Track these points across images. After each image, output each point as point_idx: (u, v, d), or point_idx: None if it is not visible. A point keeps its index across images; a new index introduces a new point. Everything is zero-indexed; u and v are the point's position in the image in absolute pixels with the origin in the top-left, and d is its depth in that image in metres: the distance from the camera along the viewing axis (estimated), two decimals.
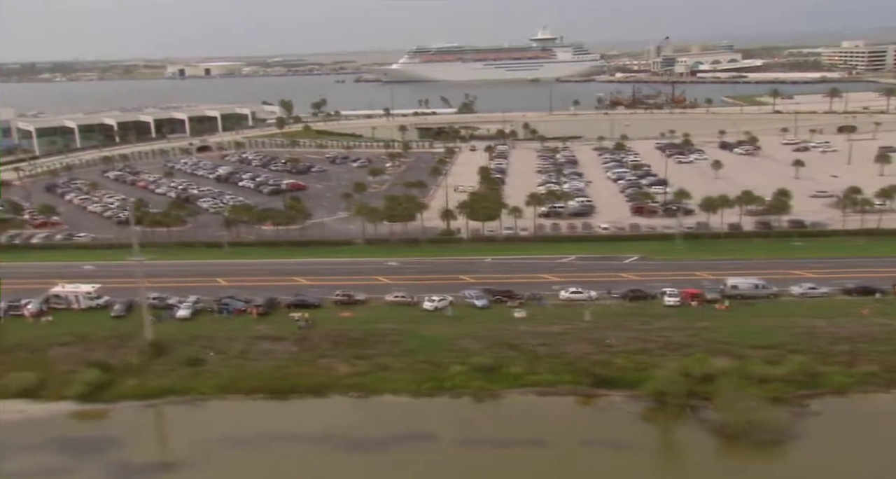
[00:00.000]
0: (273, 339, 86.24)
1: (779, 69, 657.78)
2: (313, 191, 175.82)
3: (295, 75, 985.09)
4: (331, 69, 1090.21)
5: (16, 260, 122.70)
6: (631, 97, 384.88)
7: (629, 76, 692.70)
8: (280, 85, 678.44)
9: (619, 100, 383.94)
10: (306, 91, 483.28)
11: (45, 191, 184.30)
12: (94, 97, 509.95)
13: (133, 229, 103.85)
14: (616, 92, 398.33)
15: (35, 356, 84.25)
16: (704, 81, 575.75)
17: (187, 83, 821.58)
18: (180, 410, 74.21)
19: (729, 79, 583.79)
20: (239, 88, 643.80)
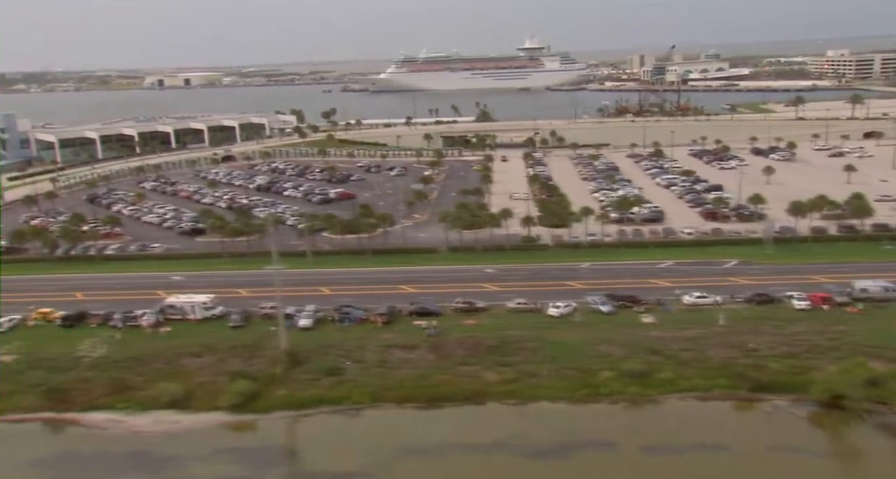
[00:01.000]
0: (404, 347, 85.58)
1: (764, 78, 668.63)
2: (361, 199, 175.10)
3: (276, 85, 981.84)
4: (311, 79, 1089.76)
5: (99, 271, 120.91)
6: (637, 105, 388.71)
7: (619, 85, 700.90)
8: (265, 95, 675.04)
9: (624, 108, 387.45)
10: (295, 101, 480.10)
11: (88, 202, 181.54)
12: (76, 109, 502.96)
13: (271, 240, 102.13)
14: (625, 100, 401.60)
15: (169, 367, 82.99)
16: (697, 90, 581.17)
17: (167, 94, 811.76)
18: (337, 419, 73.35)
19: (720, 87, 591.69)
20: (222, 98, 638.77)
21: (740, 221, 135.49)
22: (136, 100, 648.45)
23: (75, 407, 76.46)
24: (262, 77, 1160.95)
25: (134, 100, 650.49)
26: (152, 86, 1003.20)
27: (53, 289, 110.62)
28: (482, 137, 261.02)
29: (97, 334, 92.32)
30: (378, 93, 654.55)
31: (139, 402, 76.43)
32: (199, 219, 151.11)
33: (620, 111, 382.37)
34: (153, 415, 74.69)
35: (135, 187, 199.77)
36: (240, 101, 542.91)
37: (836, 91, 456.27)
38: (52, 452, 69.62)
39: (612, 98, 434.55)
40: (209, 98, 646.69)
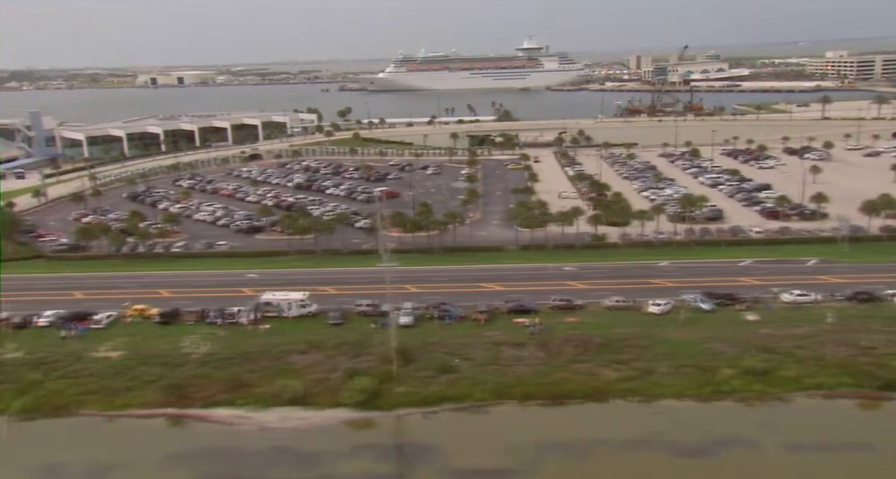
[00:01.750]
0: (511, 345, 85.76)
1: (764, 79, 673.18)
2: (405, 198, 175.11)
3: (270, 84, 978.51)
4: (305, 78, 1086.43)
5: (171, 268, 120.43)
6: (651, 105, 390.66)
7: (620, 85, 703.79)
8: (262, 94, 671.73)
9: (637, 108, 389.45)
10: (296, 100, 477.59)
11: (130, 200, 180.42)
12: (77, 107, 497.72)
13: (385, 237, 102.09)
14: (638, 100, 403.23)
15: (278, 365, 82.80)
16: (700, 90, 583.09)
17: (162, 92, 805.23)
18: (465, 417, 73.38)
19: (723, 87, 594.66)
20: (220, 97, 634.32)
21: (801, 220, 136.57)
22: (133, 98, 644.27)
23: (196, 403, 76.12)
24: (255, 76, 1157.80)
25: (132, 98, 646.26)
26: (146, 84, 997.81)
27: (136, 286, 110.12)
28: (509, 136, 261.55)
29: (195, 331, 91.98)
30: (377, 92, 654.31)
31: (259, 398, 76.23)
32: (254, 216, 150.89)
33: (632, 111, 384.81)
34: (277, 412, 74.51)
35: (172, 185, 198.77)
36: (239, 100, 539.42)
37: (840, 92, 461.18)
38: (188, 447, 69.24)
39: (621, 99, 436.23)
40: (207, 97, 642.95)
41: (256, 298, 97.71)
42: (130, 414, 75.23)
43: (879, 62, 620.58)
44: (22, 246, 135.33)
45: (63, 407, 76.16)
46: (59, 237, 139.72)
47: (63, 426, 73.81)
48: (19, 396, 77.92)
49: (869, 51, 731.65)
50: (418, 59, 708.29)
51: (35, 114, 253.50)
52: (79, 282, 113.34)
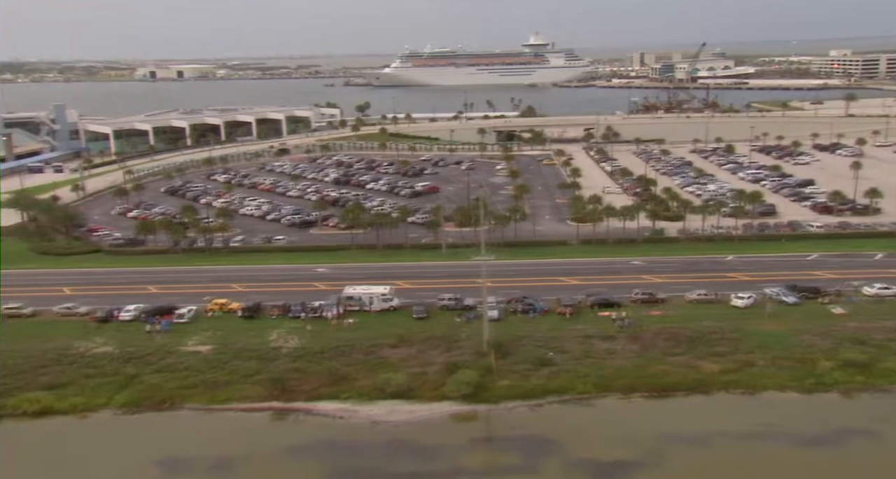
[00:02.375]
0: (602, 338, 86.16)
1: (769, 76, 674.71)
2: (446, 193, 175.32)
3: (272, 79, 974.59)
4: (306, 73, 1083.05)
5: (234, 263, 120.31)
6: (667, 102, 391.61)
7: (628, 82, 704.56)
8: (265, 88, 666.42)
9: (653, 104, 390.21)
10: (302, 94, 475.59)
11: (169, 194, 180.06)
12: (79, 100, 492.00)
13: (482, 230, 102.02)
14: (655, 97, 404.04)
15: (371, 358, 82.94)
16: (707, 87, 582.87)
17: (163, 86, 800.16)
18: (572, 409, 73.64)
19: (731, 85, 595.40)
20: (224, 91, 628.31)
21: (855, 215, 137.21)
22: (134, 92, 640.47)
23: (299, 397, 76.19)
24: (254, 70, 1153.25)
25: (133, 92, 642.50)
26: (144, 78, 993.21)
27: (206, 280, 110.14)
28: (537, 132, 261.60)
29: (280, 326, 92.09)
30: (382, 87, 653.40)
31: (361, 392, 76.36)
32: (303, 211, 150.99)
33: (648, 108, 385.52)
34: (382, 405, 74.59)
35: (206, 180, 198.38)
36: (243, 94, 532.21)
37: (847, 90, 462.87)
38: (306, 440, 69.29)
39: (630, 96, 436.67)
40: (210, 91, 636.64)
41: (339, 292, 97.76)
42: (235, 408, 75.29)
43: (884, 61, 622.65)
44: (76, 240, 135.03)
45: (166, 401, 76.16)
46: (111, 232, 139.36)
47: (171, 420, 73.83)
48: (119, 390, 77.95)
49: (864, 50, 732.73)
50: (424, 54, 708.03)
51: (59, 107, 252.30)
52: (149, 276, 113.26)
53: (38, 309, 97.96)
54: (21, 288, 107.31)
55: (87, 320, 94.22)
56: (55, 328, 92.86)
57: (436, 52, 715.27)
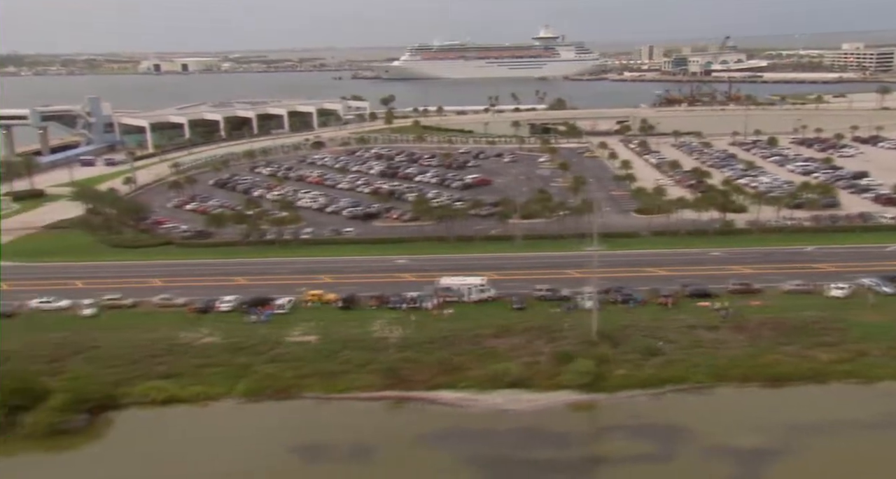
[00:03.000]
0: (705, 328, 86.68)
1: (781, 69, 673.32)
2: (497, 185, 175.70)
3: (276, 72, 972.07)
4: (311, 66, 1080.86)
5: (310, 255, 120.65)
6: (689, 95, 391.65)
7: (640, 76, 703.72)
8: (272, 81, 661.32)
9: (675, 97, 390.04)
10: (312, 87, 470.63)
11: (219, 187, 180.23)
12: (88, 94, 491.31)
13: (594, 221, 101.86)
14: (678, 90, 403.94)
15: (478, 348, 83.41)
16: (721, 80, 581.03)
17: (166, 79, 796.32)
18: (692, 398, 74.28)
19: (745, 78, 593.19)
20: (230, 84, 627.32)
21: None
22: (141, 85, 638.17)
23: (416, 386, 76.82)
24: (258, 63, 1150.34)
25: (139, 85, 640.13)
26: (148, 71, 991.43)
27: (291, 272, 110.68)
28: (571, 124, 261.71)
29: (379, 316, 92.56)
30: (391, 80, 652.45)
31: (477, 381, 76.91)
32: (362, 203, 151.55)
33: (670, 101, 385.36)
34: (501, 394, 75.25)
35: (250, 172, 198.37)
36: (252, 87, 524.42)
37: (865, 83, 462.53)
38: (435, 428, 69.96)
39: (643, 89, 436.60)
40: (218, 84, 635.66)
41: (427, 283, 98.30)
42: (354, 397, 75.95)
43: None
44: (143, 233, 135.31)
45: (285, 390, 76.77)
46: (177, 224, 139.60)
47: (293, 409, 74.54)
48: (236, 379, 78.55)
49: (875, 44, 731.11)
50: (434, 47, 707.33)
51: (94, 100, 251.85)
52: (232, 268, 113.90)
53: (137, 300, 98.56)
54: (109, 279, 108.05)
55: (185, 311, 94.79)
56: (155, 319, 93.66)
57: (445, 45, 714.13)
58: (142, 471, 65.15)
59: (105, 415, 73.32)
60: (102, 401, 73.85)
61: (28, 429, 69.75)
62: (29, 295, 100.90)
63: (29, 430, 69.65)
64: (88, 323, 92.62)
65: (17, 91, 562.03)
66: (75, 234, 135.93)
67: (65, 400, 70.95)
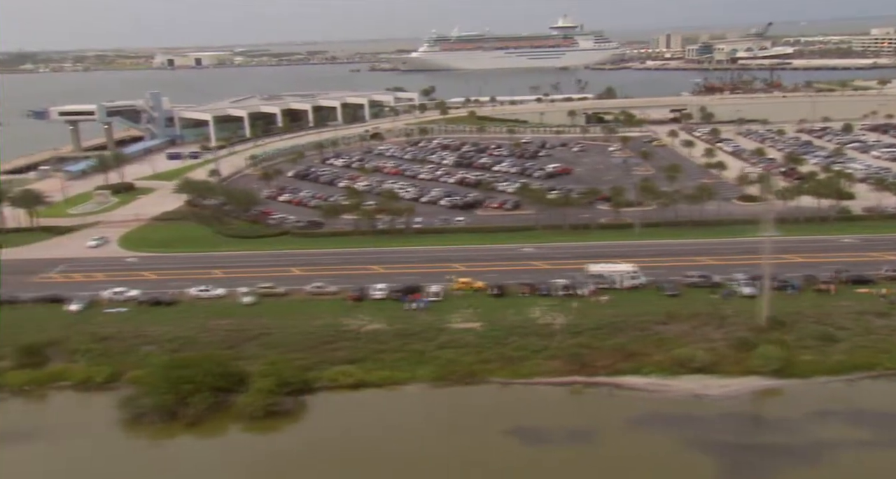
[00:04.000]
0: (874, 314, 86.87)
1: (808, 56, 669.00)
2: (578, 174, 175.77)
3: (289, 65, 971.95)
4: (323, 59, 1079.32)
5: (427, 244, 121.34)
6: (730, 82, 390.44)
7: (663, 64, 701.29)
8: (289, 74, 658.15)
9: (713, 85, 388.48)
10: (331, 80, 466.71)
11: (300, 178, 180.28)
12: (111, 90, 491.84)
13: (770, 207, 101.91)
14: (717, 78, 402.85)
15: (646, 334, 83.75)
16: (749, 68, 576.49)
17: (181, 74, 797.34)
18: (887, 384, 74.45)
19: (774, 66, 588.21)
20: (248, 78, 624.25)
21: None
22: (159, 79, 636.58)
23: (600, 371, 77.28)
24: (268, 57, 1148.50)
25: (157, 79, 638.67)
26: (163, 66, 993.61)
27: (421, 260, 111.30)
28: (629, 114, 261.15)
29: (534, 303, 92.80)
30: (409, 72, 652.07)
31: (661, 367, 77.30)
32: (456, 193, 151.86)
33: (710, 89, 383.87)
34: (689, 379, 75.70)
35: (322, 164, 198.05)
36: (271, 81, 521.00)
37: None
38: (638, 413, 70.36)
39: (668, 77, 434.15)
40: (235, 78, 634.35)
41: (583, 270, 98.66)
42: (540, 382, 76.51)
43: None
44: (254, 224, 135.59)
45: (471, 375, 77.31)
46: (284, 215, 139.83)
47: (484, 393, 75.19)
48: (416, 364, 79.23)
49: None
50: (452, 38, 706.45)
51: (156, 95, 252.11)
52: (363, 257, 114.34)
53: (290, 288, 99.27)
54: (246, 269, 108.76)
55: (342, 299, 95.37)
56: (313, 307, 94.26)
57: (463, 35, 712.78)
58: (369, 451, 65.50)
59: (300, 398, 74.08)
60: (298, 385, 74.67)
61: (241, 410, 70.96)
62: (178, 284, 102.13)
63: (242, 411, 70.88)
64: (250, 311, 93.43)
65: (42, 88, 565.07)
66: (187, 225, 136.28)
67: (272, 383, 71.99)
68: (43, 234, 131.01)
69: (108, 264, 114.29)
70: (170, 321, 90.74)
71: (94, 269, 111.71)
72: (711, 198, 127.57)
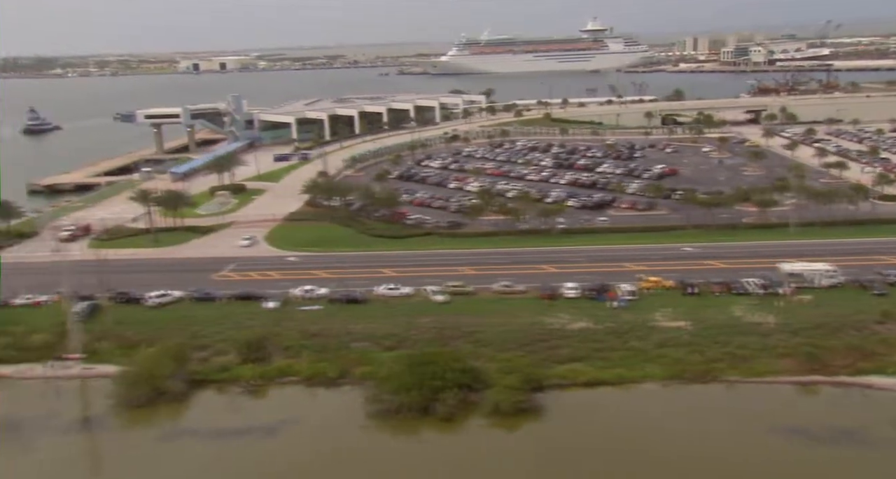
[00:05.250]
0: None
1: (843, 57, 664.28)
2: (686, 175, 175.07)
3: (313, 69, 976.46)
4: (345, 63, 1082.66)
5: (574, 244, 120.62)
6: (785, 84, 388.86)
7: (698, 66, 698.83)
8: (315, 78, 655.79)
9: (768, 87, 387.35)
10: (358, 84, 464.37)
11: (405, 180, 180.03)
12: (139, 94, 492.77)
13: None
14: (772, 79, 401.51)
15: (863, 334, 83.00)
16: (788, 70, 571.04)
17: (207, 78, 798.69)
18: None
19: (814, 67, 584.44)
20: (275, 82, 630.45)
21: None
22: (186, 84, 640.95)
23: (837, 371, 76.54)
24: (289, 61, 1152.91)
25: (184, 84, 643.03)
26: (187, 70, 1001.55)
27: (589, 259, 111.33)
28: (707, 115, 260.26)
29: (731, 302, 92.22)
30: (439, 76, 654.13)
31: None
32: (577, 193, 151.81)
33: (763, 90, 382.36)
34: None
35: (416, 165, 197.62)
36: (300, 85, 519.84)
37: None
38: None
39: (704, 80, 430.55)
40: (267, 82, 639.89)
41: (776, 269, 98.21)
42: (777, 381, 75.93)
43: None
44: (391, 224, 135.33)
45: (704, 373, 76.96)
46: (419, 216, 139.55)
47: (720, 392, 75.00)
48: (643, 363, 78.93)
49: None
50: (482, 42, 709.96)
51: (237, 98, 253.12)
52: (525, 256, 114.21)
53: (478, 287, 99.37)
54: (415, 268, 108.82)
55: (533, 298, 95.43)
56: (505, 305, 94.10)
57: (493, 39, 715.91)
58: (638, 451, 64.96)
59: (535, 396, 73.78)
60: (537, 383, 74.62)
61: (492, 407, 71.03)
62: (358, 283, 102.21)
63: (492, 407, 70.96)
64: (446, 308, 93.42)
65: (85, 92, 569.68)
66: (321, 225, 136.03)
67: (518, 380, 72.04)
68: (189, 234, 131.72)
69: (273, 263, 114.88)
70: (369, 319, 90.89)
71: (262, 267, 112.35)
72: (866, 197, 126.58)
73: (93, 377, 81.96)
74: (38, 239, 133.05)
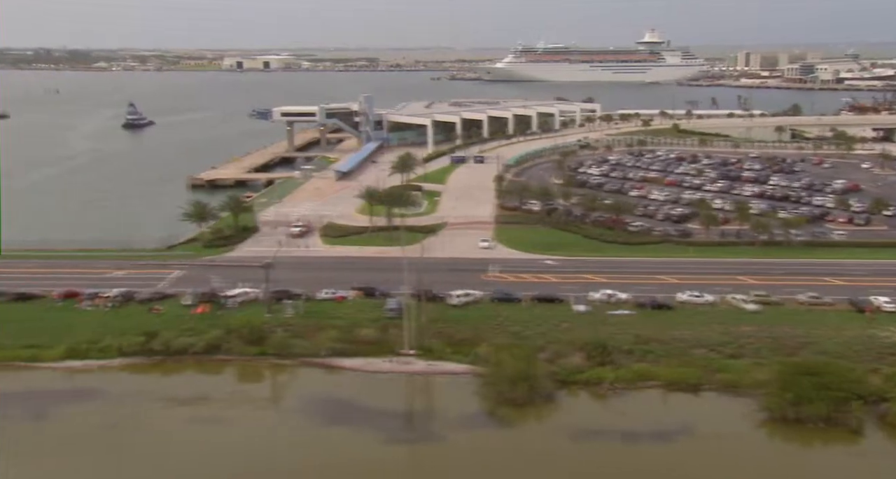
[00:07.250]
0: None
1: None
2: (869, 190, 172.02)
3: (357, 71, 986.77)
4: (388, 66, 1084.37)
5: (821, 257, 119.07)
6: (883, 102, 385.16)
7: (762, 82, 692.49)
8: (370, 81, 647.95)
9: (862, 105, 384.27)
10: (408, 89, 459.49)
11: (578, 186, 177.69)
12: (203, 90, 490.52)
13: None
14: (870, 98, 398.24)
15: None
16: (859, 89, 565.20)
17: (253, 77, 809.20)
18: None
19: (885, 87, 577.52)
20: (322, 83, 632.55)
21: None
22: (237, 82, 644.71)
23: None
24: (332, 62, 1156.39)
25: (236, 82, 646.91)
26: (231, 68, 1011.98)
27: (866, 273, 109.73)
28: (840, 131, 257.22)
29: None
30: (492, 82, 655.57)
31: None
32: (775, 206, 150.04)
33: (857, 108, 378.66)
34: None
35: (578, 172, 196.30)
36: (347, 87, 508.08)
37: None
38: None
39: (764, 95, 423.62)
40: (315, 83, 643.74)
41: None
42: None
43: None
44: (609, 229, 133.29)
45: None
46: (640, 223, 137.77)
47: None
48: None
49: None
50: (538, 49, 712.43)
51: (369, 98, 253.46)
52: (783, 268, 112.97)
53: (783, 298, 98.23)
54: (693, 276, 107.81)
55: (842, 310, 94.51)
56: (818, 317, 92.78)
57: (549, 47, 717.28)
58: None
59: None
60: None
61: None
62: (640, 289, 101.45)
63: None
64: (762, 319, 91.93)
65: (140, 89, 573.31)
66: (534, 228, 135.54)
67: None
68: (416, 234, 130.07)
69: (531, 266, 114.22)
70: (684, 325, 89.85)
71: (526, 270, 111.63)
72: None
73: (438, 374, 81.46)
74: (263, 235, 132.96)
